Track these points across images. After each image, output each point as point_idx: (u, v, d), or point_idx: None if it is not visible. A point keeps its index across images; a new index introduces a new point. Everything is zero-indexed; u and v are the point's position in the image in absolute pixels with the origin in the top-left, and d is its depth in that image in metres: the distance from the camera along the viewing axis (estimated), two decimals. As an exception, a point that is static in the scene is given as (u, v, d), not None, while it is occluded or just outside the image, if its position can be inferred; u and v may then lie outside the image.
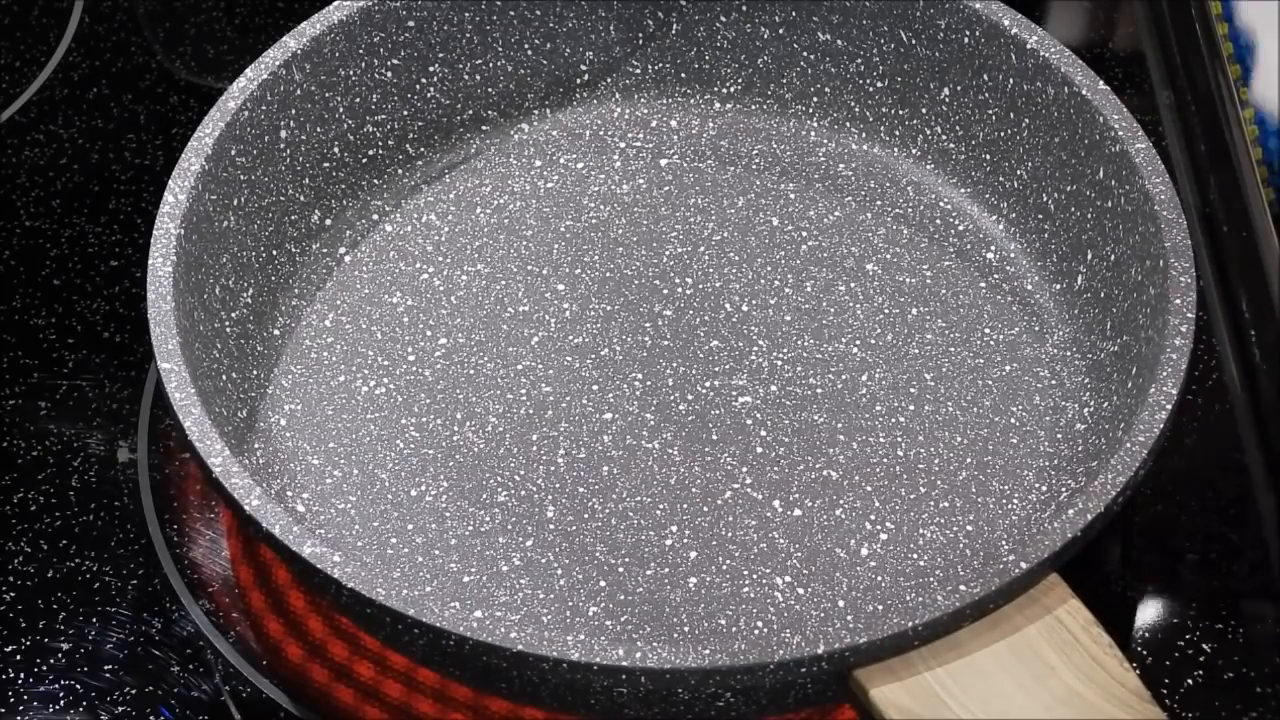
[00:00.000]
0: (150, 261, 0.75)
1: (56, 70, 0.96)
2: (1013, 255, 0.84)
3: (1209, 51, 0.91)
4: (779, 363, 0.81)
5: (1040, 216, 0.83)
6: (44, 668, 0.75)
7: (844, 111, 0.88)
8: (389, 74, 0.86)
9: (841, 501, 0.77)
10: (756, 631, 0.73)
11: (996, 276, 0.84)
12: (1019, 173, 0.84)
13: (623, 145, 0.89)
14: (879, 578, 0.74)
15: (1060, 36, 0.84)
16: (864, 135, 0.88)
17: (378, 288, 0.84)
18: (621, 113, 0.90)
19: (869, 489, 0.77)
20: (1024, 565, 0.68)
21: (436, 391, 0.80)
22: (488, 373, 0.81)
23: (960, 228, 0.85)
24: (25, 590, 0.78)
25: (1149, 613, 0.77)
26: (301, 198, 0.84)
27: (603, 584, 0.74)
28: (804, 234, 0.85)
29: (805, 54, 0.88)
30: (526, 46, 0.88)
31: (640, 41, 0.89)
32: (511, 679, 0.69)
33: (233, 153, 0.80)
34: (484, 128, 0.89)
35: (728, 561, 0.75)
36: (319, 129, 0.84)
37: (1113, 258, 0.79)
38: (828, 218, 0.86)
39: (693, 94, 0.90)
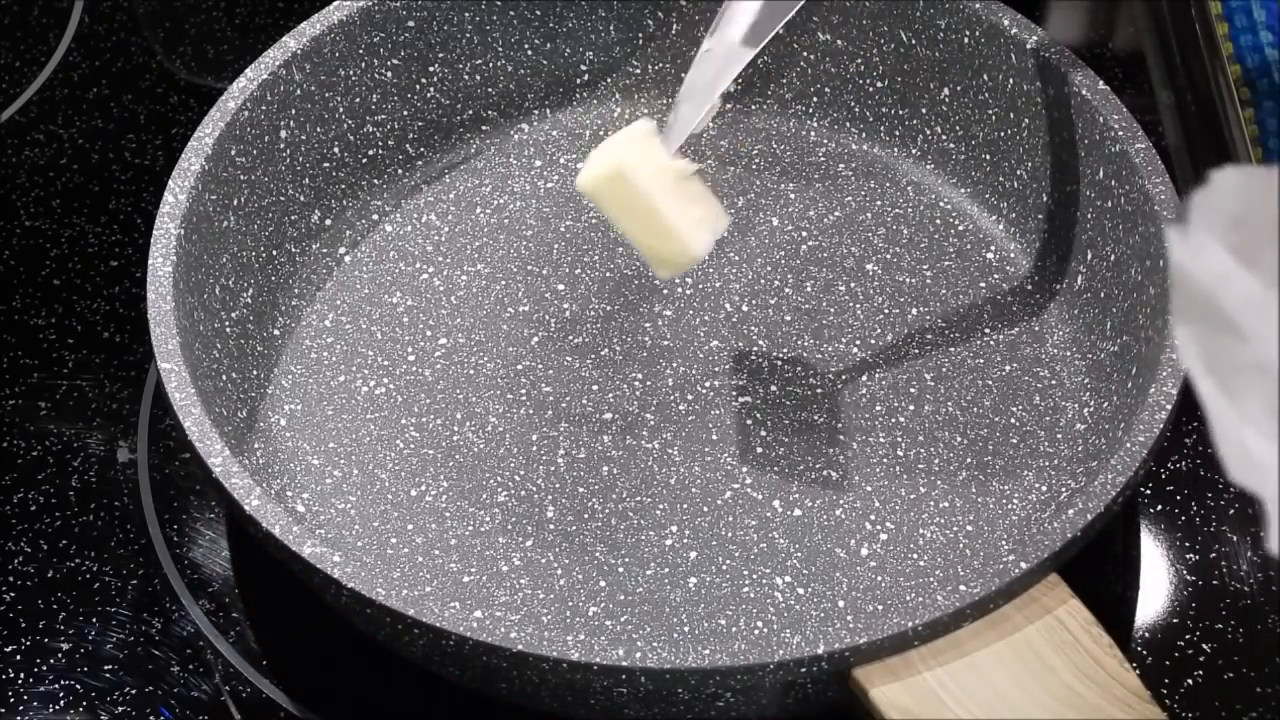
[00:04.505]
0: (150, 261, 0.75)
1: (56, 70, 0.96)
2: (1013, 255, 0.84)
3: (1209, 51, 0.91)
4: (779, 363, 0.81)
5: (1040, 216, 0.83)
6: (44, 668, 0.75)
7: (844, 111, 0.88)
8: (389, 74, 0.86)
9: (841, 501, 0.77)
10: (756, 631, 0.73)
11: (996, 276, 0.84)
12: (1019, 173, 0.84)
13: (623, 145, 0.89)
14: (879, 578, 0.74)
15: (1060, 36, 0.84)
16: (864, 135, 0.88)
17: (378, 288, 0.84)
18: (621, 113, 0.90)
19: (869, 489, 0.77)
20: (1024, 565, 0.68)
21: (436, 391, 0.80)
22: (488, 373, 0.81)
23: (960, 228, 0.85)
24: (25, 590, 0.78)
25: (1149, 613, 0.77)
26: (301, 198, 0.84)
27: (603, 584, 0.74)
28: (804, 234, 0.85)
29: (805, 54, 0.88)
30: (526, 46, 0.88)
31: (640, 41, 0.89)
32: (511, 679, 0.69)
33: (233, 153, 0.80)
34: (484, 128, 0.89)
35: (728, 561, 0.75)
36: (319, 129, 0.84)
37: (1113, 258, 0.79)
38: (828, 218, 0.86)
39: (693, 94, 0.90)
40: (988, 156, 0.85)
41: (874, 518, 0.76)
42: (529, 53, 0.88)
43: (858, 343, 0.81)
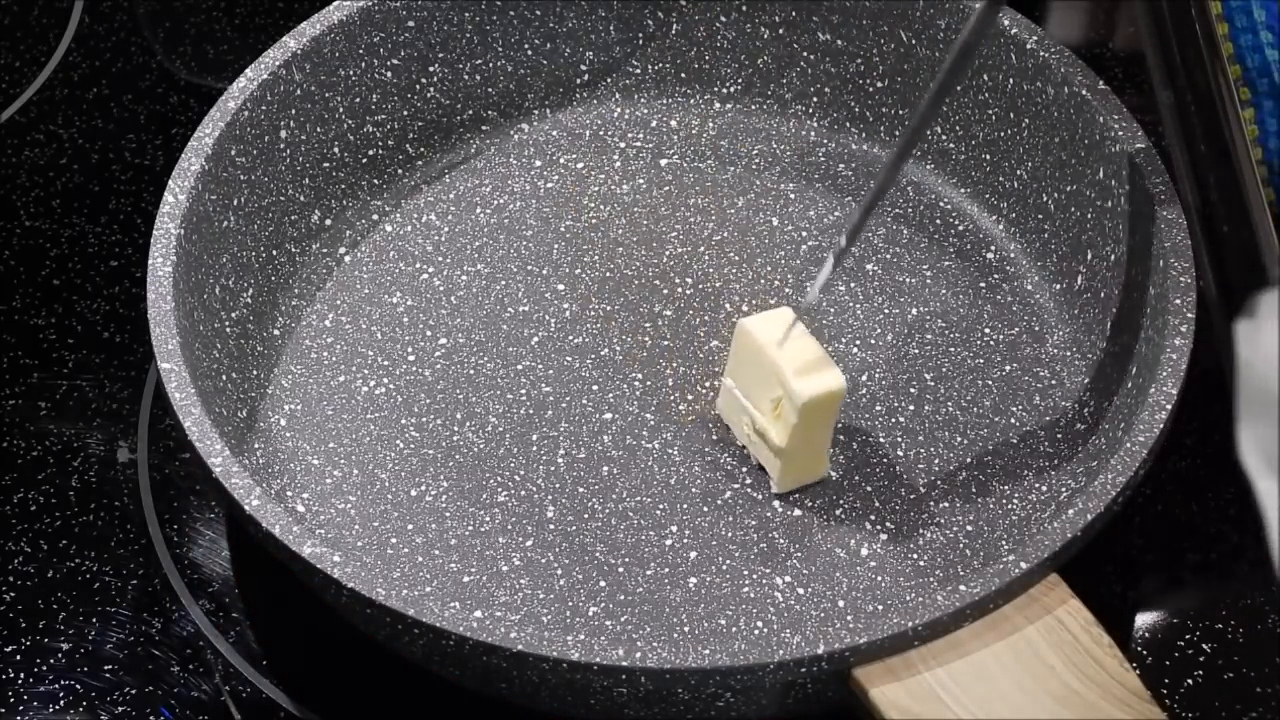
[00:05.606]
0: (150, 261, 0.75)
1: (56, 70, 0.96)
2: (1013, 255, 0.84)
3: (1209, 51, 0.91)
4: (779, 363, 0.81)
5: (1040, 216, 0.83)
6: (44, 668, 0.75)
7: (844, 111, 0.88)
8: (389, 74, 0.86)
9: (841, 501, 0.77)
10: (756, 631, 0.73)
11: (996, 276, 0.84)
12: (1019, 173, 0.84)
13: (623, 145, 0.89)
14: (879, 578, 0.74)
15: (1060, 36, 0.84)
16: (864, 135, 0.88)
17: (378, 288, 0.84)
18: (621, 113, 0.90)
19: (869, 489, 0.77)
20: (1024, 565, 0.68)
21: (436, 391, 0.80)
22: (488, 373, 0.81)
23: (960, 228, 0.85)
24: (25, 590, 0.78)
25: (1149, 613, 0.77)
26: (301, 198, 0.84)
27: (603, 584, 0.74)
28: (804, 234, 0.85)
29: (805, 54, 0.88)
30: (526, 46, 0.88)
31: (640, 41, 0.89)
32: (511, 679, 0.69)
33: (233, 153, 0.80)
34: (484, 128, 0.89)
35: (728, 561, 0.75)
36: (319, 129, 0.84)
37: (1113, 258, 0.79)
38: (828, 218, 0.86)
39: (693, 94, 0.90)
40: (988, 156, 0.85)
41: (874, 518, 0.76)
42: (529, 53, 0.88)
43: (858, 343, 0.81)
